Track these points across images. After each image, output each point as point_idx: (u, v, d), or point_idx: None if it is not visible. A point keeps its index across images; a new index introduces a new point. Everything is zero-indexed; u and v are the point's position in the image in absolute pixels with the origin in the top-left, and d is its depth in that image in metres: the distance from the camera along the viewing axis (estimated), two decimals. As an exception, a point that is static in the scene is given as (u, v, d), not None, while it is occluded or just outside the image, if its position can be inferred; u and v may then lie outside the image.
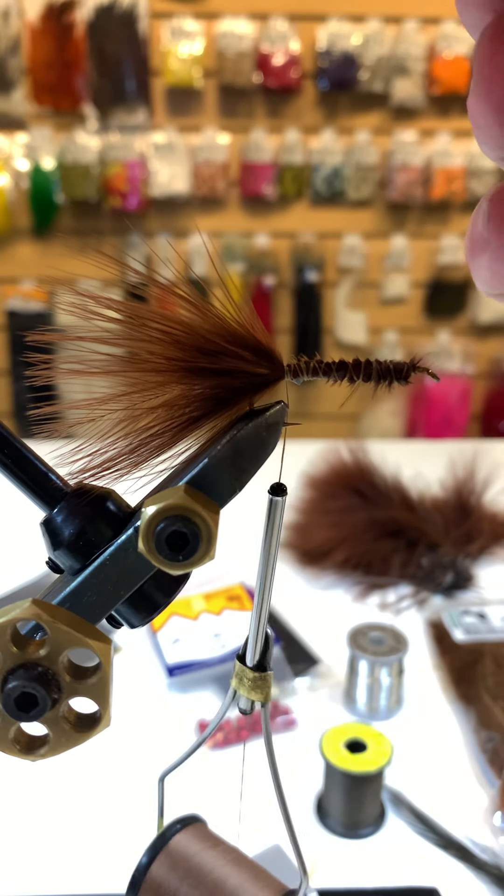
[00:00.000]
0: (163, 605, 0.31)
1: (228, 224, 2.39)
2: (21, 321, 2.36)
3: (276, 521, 0.32)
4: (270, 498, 0.31)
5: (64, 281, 0.31)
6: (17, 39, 2.21)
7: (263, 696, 0.38)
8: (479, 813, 0.74)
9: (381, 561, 1.13)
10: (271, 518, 0.32)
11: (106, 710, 0.28)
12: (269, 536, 0.32)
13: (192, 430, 0.30)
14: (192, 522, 0.27)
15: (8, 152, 2.29)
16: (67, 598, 0.29)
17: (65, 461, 0.30)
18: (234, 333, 0.29)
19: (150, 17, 2.22)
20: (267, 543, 0.33)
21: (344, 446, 1.28)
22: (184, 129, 2.30)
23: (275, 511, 0.31)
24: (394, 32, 2.24)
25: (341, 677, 0.91)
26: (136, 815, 0.74)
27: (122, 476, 0.31)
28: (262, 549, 0.33)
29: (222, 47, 2.21)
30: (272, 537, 0.32)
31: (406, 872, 0.68)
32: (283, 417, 0.30)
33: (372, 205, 2.41)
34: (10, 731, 0.28)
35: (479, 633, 0.98)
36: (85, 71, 2.23)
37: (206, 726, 0.83)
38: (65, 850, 0.70)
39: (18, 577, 1.10)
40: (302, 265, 2.39)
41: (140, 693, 0.90)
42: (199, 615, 0.99)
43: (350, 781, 0.70)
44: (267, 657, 0.37)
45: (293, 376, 0.30)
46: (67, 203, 2.34)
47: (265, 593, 0.35)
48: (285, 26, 2.22)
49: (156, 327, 0.29)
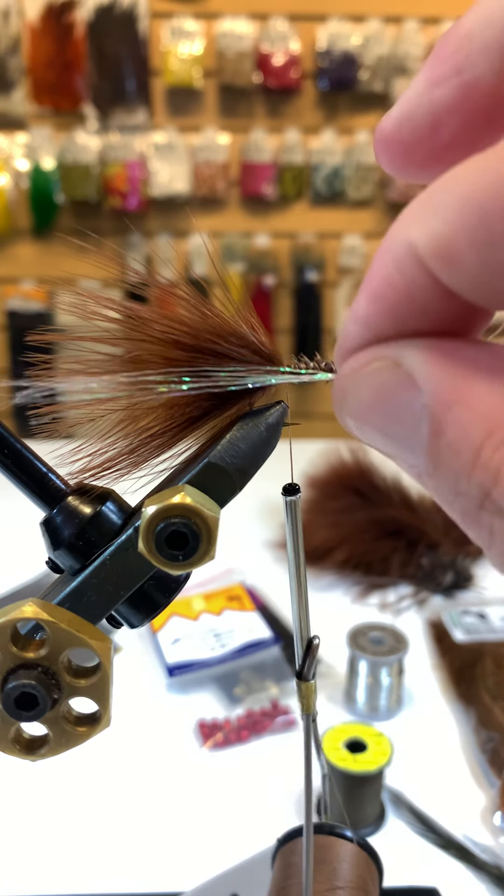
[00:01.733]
0: (163, 605, 0.31)
1: (228, 224, 2.39)
2: (21, 321, 2.36)
3: (296, 521, 0.32)
4: (286, 499, 0.31)
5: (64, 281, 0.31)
6: (17, 39, 2.21)
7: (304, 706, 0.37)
8: (479, 813, 0.74)
9: (381, 561, 1.13)
10: (290, 518, 0.31)
11: (106, 710, 0.28)
12: (293, 536, 0.32)
13: (192, 430, 0.30)
14: (193, 522, 0.26)
15: (8, 152, 2.29)
16: (67, 598, 0.29)
17: (65, 461, 0.30)
18: (235, 333, 0.29)
19: (150, 17, 2.22)
20: (291, 543, 0.32)
21: (344, 446, 1.28)
22: (184, 129, 2.30)
23: (293, 511, 0.31)
24: (394, 32, 2.24)
25: (341, 677, 0.91)
26: (136, 814, 0.74)
27: (122, 476, 0.31)
28: (289, 549, 0.33)
29: (222, 47, 2.21)
30: (296, 536, 0.32)
31: (406, 872, 0.68)
32: (284, 417, 0.30)
33: (372, 205, 2.41)
34: (10, 731, 0.28)
35: (479, 633, 0.98)
36: (85, 71, 2.23)
37: (206, 726, 0.83)
38: (64, 850, 0.70)
39: (18, 577, 1.10)
40: (302, 265, 2.39)
41: (140, 693, 0.90)
42: (199, 615, 0.99)
43: (350, 781, 0.70)
44: (307, 665, 0.36)
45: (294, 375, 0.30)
46: (67, 203, 2.34)
47: (302, 594, 0.34)
48: (285, 26, 2.22)
49: (156, 327, 0.29)
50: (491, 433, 0.18)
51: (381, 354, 0.20)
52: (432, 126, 0.20)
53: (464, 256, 0.17)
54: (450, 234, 0.17)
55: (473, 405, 0.18)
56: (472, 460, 0.18)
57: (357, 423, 0.21)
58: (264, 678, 0.90)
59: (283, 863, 0.46)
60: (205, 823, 0.73)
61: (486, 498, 0.18)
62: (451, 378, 0.18)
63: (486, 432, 0.18)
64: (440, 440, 0.19)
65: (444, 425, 0.18)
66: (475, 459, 0.18)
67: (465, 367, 0.18)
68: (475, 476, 0.18)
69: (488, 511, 0.18)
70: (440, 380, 0.19)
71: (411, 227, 0.18)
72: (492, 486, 0.18)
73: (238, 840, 0.70)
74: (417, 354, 0.19)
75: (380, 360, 0.20)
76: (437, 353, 0.19)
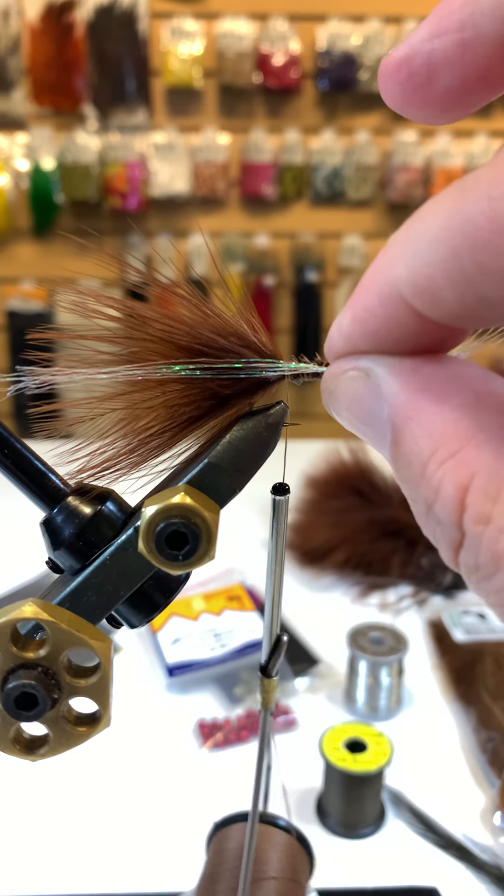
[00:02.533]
0: (163, 605, 0.31)
1: (228, 224, 2.39)
2: (21, 321, 2.36)
3: (282, 521, 0.32)
4: (274, 498, 0.31)
5: (64, 281, 0.31)
6: (17, 39, 2.21)
7: (263, 701, 0.38)
8: (479, 813, 0.74)
9: (381, 561, 1.13)
10: (276, 517, 0.32)
11: (106, 710, 0.28)
12: (276, 536, 0.32)
13: (192, 430, 0.30)
14: (192, 522, 0.26)
15: (8, 152, 2.29)
16: (67, 598, 0.29)
17: (65, 461, 0.30)
18: (235, 333, 0.29)
19: (150, 17, 2.22)
20: (274, 543, 0.33)
21: (344, 446, 1.28)
22: (184, 129, 2.30)
23: (279, 510, 0.31)
24: (394, 32, 2.24)
25: (341, 677, 0.91)
26: (136, 814, 0.74)
27: (122, 476, 0.31)
28: (270, 548, 0.33)
29: (222, 47, 2.21)
30: (278, 536, 0.32)
31: (406, 872, 0.68)
32: (284, 417, 0.30)
33: (372, 205, 2.41)
34: (11, 731, 0.28)
35: (479, 633, 0.98)
36: (85, 71, 2.23)
37: (206, 726, 0.83)
38: (65, 850, 0.70)
39: (18, 577, 1.10)
40: (302, 265, 2.39)
41: (140, 693, 0.90)
42: (199, 615, 0.99)
43: (350, 781, 0.70)
44: (272, 661, 0.37)
45: (293, 376, 0.30)
46: (67, 203, 2.34)
47: (276, 593, 0.35)
48: (285, 26, 2.22)
49: (156, 327, 0.29)
50: (436, 450, 0.19)
51: (356, 365, 0.22)
52: (428, 75, 0.21)
53: (443, 294, 0.18)
54: (428, 273, 0.18)
55: (423, 422, 0.20)
56: (420, 473, 0.20)
57: (339, 419, 0.24)
58: (264, 678, 0.90)
59: (216, 848, 0.46)
60: (205, 823, 0.73)
61: (430, 509, 0.20)
62: (408, 394, 0.20)
63: (432, 449, 0.19)
64: (398, 449, 0.21)
65: (401, 437, 0.20)
66: (422, 473, 0.20)
67: (423, 385, 0.20)
68: (421, 488, 0.20)
69: (432, 520, 0.20)
70: (399, 395, 0.21)
71: (395, 263, 0.19)
72: (433, 500, 0.19)
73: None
74: (385, 370, 0.21)
75: (355, 371, 0.22)
76: (400, 370, 0.21)
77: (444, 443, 0.19)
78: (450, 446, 0.19)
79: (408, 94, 0.21)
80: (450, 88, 0.21)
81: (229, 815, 0.47)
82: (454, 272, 0.17)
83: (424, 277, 0.18)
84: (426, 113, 0.22)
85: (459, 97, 0.21)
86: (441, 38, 0.20)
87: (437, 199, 0.18)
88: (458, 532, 0.19)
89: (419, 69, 0.21)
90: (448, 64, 0.20)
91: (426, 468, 0.19)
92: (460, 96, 0.21)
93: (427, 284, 0.18)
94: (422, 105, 0.21)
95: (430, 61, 0.20)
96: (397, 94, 0.22)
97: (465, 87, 0.21)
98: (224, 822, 0.47)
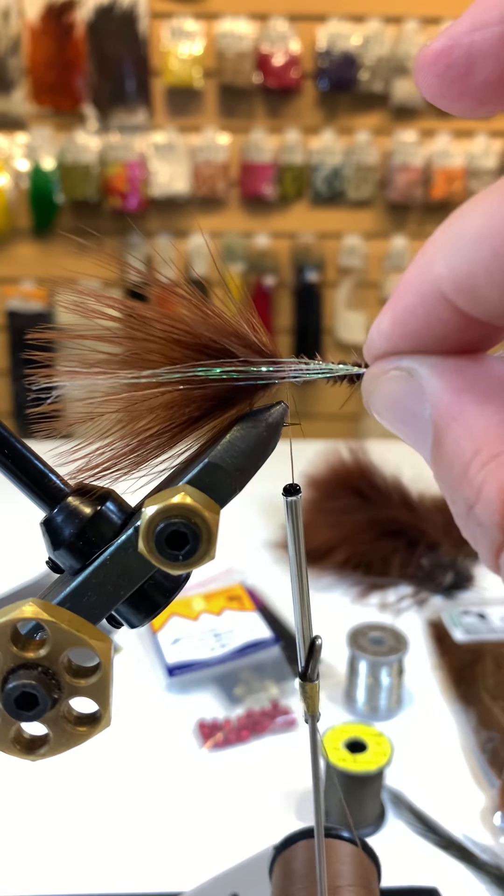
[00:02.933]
0: (163, 605, 0.31)
1: (228, 224, 2.39)
2: (21, 321, 2.36)
3: (297, 522, 0.32)
4: (286, 499, 0.31)
5: (64, 281, 0.31)
6: (17, 39, 2.21)
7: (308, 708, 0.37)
8: (479, 813, 0.74)
9: (381, 561, 1.13)
10: (292, 519, 0.31)
11: (106, 710, 0.28)
12: (294, 537, 0.32)
13: (192, 430, 0.30)
14: (193, 522, 0.26)
15: (8, 152, 2.29)
16: (67, 598, 0.29)
17: (65, 461, 0.30)
18: (235, 333, 0.29)
19: (150, 17, 2.22)
20: (293, 545, 0.32)
21: (344, 446, 1.28)
22: (184, 129, 2.30)
23: (293, 512, 0.31)
24: (394, 32, 2.24)
25: (341, 677, 0.91)
26: (136, 814, 0.74)
27: (122, 476, 0.31)
28: (290, 551, 0.33)
29: (222, 47, 2.21)
30: (297, 537, 0.32)
31: (406, 872, 0.68)
32: (284, 418, 0.30)
33: (372, 205, 2.41)
34: (11, 731, 0.28)
35: (479, 633, 0.98)
36: (85, 71, 2.23)
37: (206, 726, 0.83)
38: (65, 850, 0.70)
39: (18, 577, 1.10)
40: (302, 265, 2.39)
41: (140, 693, 0.90)
42: (199, 615, 0.99)
43: (350, 781, 0.70)
44: (310, 666, 0.36)
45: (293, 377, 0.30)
46: (67, 203, 2.34)
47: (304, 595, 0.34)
48: (285, 26, 2.22)
49: (156, 326, 0.29)
50: (478, 451, 0.19)
51: (398, 365, 0.22)
52: (467, 66, 0.21)
53: (485, 292, 0.18)
54: (469, 271, 0.18)
55: (467, 423, 0.20)
56: (462, 474, 0.20)
57: (380, 419, 0.24)
58: (264, 678, 0.90)
59: (283, 871, 0.45)
60: (205, 823, 0.73)
61: (470, 510, 0.20)
62: (451, 394, 0.20)
63: (474, 450, 0.19)
64: (440, 450, 0.21)
65: (443, 437, 0.20)
66: (464, 474, 0.20)
67: (466, 385, 0.20)
68: (462, 490, 0.20)
69: (472, 522, 0.20)
70: (442, 395, 0.21)
71: (436, 262, 0.19)
72: (475, 501, 0.19)
73: (238, 840, 0.70)
74: (428, 370, 0.21)
75: (397, 371, 0.22)
76: (443, 370, 0.21)
77: (486, 444, 0.19)
78: (493, 448, 0.19)
79: (445, 86, 0.21)
80: (488, 81, 0.21)
81: (287, 836, 0.47)
82: (495, 272, 0.18)
83: (466, 276, 0.18)
84: (462, 105, 0.22)
85: (497, 90, 0.21)
86: (482, 31, 0.20)
87: (476, 198, 0.18)
88: (500, 534, 0.19)
89: (458, 61, 0.21)
90: (488, 56, 0.20)
91: (468, 469, 0.19)
92: (498, 89, 0.21)
93: (468, 282, 0.18)
94: (458, 97, 0.21)
95: (470, 53, 0.21)
96: (434, 85, 0.22)
97: (503, 81, 0.21)
98: (284, 843, 0.47)
